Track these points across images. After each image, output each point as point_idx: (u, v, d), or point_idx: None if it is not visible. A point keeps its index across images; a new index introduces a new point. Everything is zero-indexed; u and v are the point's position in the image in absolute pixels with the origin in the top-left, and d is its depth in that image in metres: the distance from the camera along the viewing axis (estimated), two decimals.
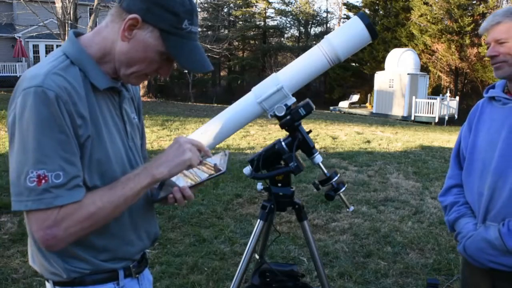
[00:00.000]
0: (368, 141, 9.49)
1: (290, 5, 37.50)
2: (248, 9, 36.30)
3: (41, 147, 0.97)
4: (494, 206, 1.54)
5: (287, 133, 1.81)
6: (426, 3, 26.22)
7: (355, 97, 26.42)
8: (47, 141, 0.98)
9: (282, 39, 39.30)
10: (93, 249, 1.12)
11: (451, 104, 21.45)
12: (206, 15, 34.92)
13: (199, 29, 1.19)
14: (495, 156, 1.55)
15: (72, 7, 13.78)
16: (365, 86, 29.08)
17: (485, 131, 1.64)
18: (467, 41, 25.90)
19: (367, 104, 26.12)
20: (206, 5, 33.50)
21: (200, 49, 1.13)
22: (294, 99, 1.76)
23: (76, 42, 1.11)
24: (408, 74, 21.48)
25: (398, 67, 21.81)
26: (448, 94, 22.46)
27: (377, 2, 30.70)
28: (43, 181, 0.97)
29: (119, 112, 1.19)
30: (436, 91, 25.85)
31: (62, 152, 0.99)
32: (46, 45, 25.89)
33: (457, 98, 22.89)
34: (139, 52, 1.08)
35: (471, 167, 1.66)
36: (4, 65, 25.45)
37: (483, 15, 26.64)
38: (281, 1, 38.33)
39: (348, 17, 33.33)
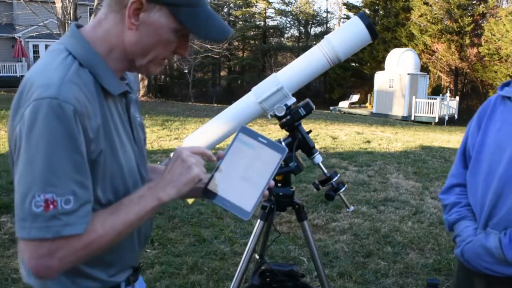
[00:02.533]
0: (368, 141, 9.50)
1: (290, 5, 37.55)
2: (248, 9, 36.32)
3: (52, 169, 0.85)
4: (497, 212, 1.49)
5: (287, 133, 1.81)
6: (426, 3, 26.24)
7: (355, 97, 26.41)
8: (59, 162, 0.86)
9: (282, 39, 39.32)
10: (102, 265, 1.03)
11: (451, 104, 21.46)
12: None
13: None
14: (503, 160, 1.48)
15: (72, 7, 13.79)
16: (365, 86, 29.09)
17: (495, 131, 1.55)
18: (467, 41, 25.92)
19: (367, 104, 26.13)
20: None
21: (214, 14, 1.01)
22: (294, 99, 1.77)
23: (82, 39, 0.98)
24: (408, 74, 21.48)
25: (398, 67, 21.81)
26: (448, 94, 22.46)
27: (377, 2, 30.71)
28: (51, 206, 0.85)
29: (127, 116, 1.08)
30: (436, 91, 25.86)
31: (75, 174, 0.88)
32: (46, 45, 25.85)
33: (457, 98, 22.91)
34: (152, 37, 0.97)
35: (477, 168, 1.59)
36: (4, 65, 25.46)
37: (483, 15, 26.69)
38: (281, 1, 38.40)
39: (348, 17, 33.33)
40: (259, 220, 1.93)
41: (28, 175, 0.86)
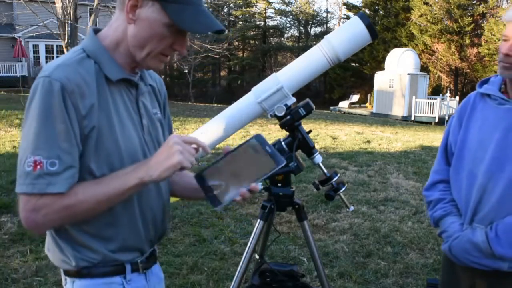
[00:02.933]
0: (368, 141, 9.50)
1: (290, 5, 37.56)
2: (248, 9, 36.32)
3: (41, 135, 1.01)
4: (482, 208, 1.51)
5: (287, 133, 1.81)
6: (426, 3, 26.25)
7: (355, 97, 26.41)
8: (47, 130, 1.01)
9: (282, 39, 39.34)
10: (102, 238, 1.13)
11: (451, 104, 21.44)
12: None
13: None
14: (486, 157, 1.50)
15: (72, 7, 13.76)
16: (365, 86, 29.09)
17: (477, 128, 1.58)
18: (467, 41, 25.93)
19: (367, 104, 26.12)
20: (206, 5, 33.46)
21: (205, 12, 1.11)
22: (294, 99, 1.76)
23: (94, 37, 1.15)
24: (408, 74, 21.48)
25: (398, 67, 21.81)
26: (448, 94, 22.46)
27: (377, 2, 30.72)
28: (38, 167, 1.01)
29: (135, 105, 1.19)
30: (436, 91, 25.86)
31: (60, 142, 1.02)
32: (46, 45, 25.88)
33: (457, 98, 22.88)
34: (146, 30, 1.08)
35: (460, 165, 1.62)
36: (4, 65, 25.44)
37: (483, 15, 26.70)
38: (281, 1, 38.41)
39: (348, 17, 33.32)
40: (259, 220, 1.93)
41: (25, 140, 1.03)
